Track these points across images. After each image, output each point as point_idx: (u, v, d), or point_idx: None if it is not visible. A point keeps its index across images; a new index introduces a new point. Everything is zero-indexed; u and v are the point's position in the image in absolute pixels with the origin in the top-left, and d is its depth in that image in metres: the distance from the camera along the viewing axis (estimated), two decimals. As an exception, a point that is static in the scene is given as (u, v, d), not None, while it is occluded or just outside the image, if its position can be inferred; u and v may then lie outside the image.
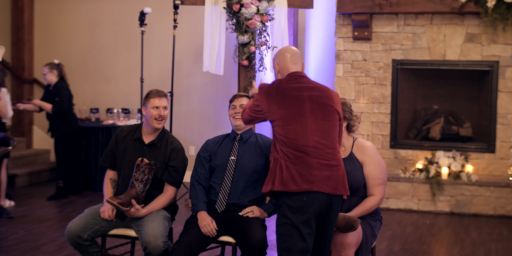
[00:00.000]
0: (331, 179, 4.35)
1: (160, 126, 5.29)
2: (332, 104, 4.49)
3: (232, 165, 5.20)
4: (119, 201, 5.01)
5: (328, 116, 4.46)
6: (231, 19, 8.58)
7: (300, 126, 4.39)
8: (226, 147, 5.30)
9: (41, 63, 11.26)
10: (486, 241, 7.47)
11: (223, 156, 5.25)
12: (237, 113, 5.24)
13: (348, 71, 9.51)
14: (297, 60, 4.65)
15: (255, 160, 5.20)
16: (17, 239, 7.15)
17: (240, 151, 5.24)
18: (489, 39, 9.03)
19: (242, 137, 5.30)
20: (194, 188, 5.24)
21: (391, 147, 9.46)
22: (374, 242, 4.98)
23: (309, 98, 4.45)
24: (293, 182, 4.31)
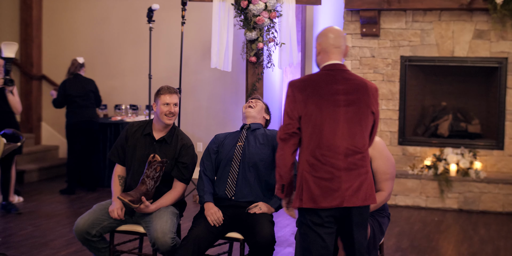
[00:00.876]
0: (361, 191, 4.13)
1: (170, 122, 5.31)
2: (369, 106, 4.20)
3: (239, 151, 5.25)
4: (130, 199, 5.02)
5: (361, 120, 4.18)
6: (239, 15, 8.58)
7: (331, 131, 4.11)
8: (234, 136, 5.40)
9: (50, 59, 11.31)
10: (494, 238, 7.45)
11: (231, 144, 5.32)
12: (251, 104, 5.46)
13: (356, 68, 9.50)
14: (341, 42, 4.27)
15: (261, 148, 5.24)
16: (26, 235, 7.18)
17: (247, 138, 5.31)
18: (497, 36, 9.01)
19: (250, 126, 5.39)
20: (201, 179, 5.30)
21: (399, 144, 9.45)
22: (382, 239, 4.97)
23: (345, 103, 4.15)
24: (322, 198, 4.07)
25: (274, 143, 5.23)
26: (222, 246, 6.25)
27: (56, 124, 11.30)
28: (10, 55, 7.88)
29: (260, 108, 5.49)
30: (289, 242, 6.98)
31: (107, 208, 5.26)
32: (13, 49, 7.90)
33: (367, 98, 4.20)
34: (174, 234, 5.05)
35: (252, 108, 5.44)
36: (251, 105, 5.46)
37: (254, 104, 5.47)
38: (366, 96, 4.20)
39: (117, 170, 5.44)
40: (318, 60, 4.35)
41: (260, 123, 5.45)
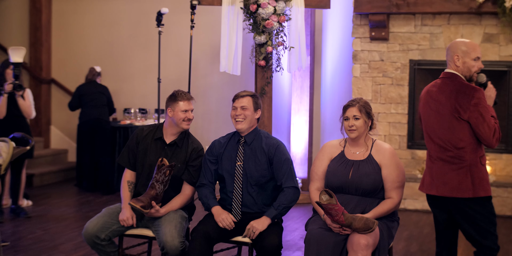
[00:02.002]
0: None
1: (188, 127, 5.36)
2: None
3: (240, 172, 5.16)
4: (141, 205, 5.03)
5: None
6: (248, 19, 8.59)
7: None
8: (231, 151, 5.23)
9: (59, 63, 11.34)
10: (503, 242, 7.43)
11: (229, 162, 5.20)
12: (238, 115, 5.16)
13: (365, 72, 9.49)
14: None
15: (260, 164, 5.15)
16: (35, 239, 7.19)
17: (245, 155, 5.18)
18: (507, 39, 8.99)
19: (246, 140, 5.22)
20: (201, 189, 5.24)
21: (408, 148, 9.43)
22: (391, 243, 4.97)
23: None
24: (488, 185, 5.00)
25: (271, 156, 5.14)
26: (231, 250, 6.25)
27: (65, 128, 11.33)
28: (18, 60, 7.88)
29: (250, 116, 5.18)
30: (298, 246, 6.98)
31: (116, 212, 5.27)
32: (21, 53, 7.90)
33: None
34: (183, 238, 5.06)
35: (241, 122, 5.16)
36: (239, 119, 5.16)
37: (242, 116, 5.16)
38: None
39: (126, 175, 5.44)
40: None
41: (254, 130, 5.26)
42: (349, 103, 5.00)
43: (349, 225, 4.59)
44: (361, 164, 4.92)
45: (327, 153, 5.08)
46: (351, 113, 4.95)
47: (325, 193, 4.65)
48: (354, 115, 4.94)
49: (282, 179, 5.13)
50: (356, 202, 4.87)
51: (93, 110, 9.80)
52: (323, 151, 5.10)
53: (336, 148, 5.08)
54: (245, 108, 5.16)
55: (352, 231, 4.63)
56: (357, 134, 4.96)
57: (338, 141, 5.13)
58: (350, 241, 4.61)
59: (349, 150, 5.03)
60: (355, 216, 4.61)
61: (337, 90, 10.02)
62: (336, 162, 4.99)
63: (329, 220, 4.72)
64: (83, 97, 9.83)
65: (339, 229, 4.67)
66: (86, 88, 9.89)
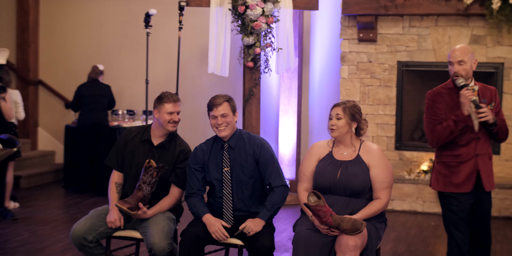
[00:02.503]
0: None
1: (174, 129, 5.33)
2: None
3: (228, 177, 5.13)
4: (128, 206, 5.02)
5: None
6: (236, 20, 8.59)
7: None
8: (216, 157, 5.16)
9: (46, 64, 11.30)
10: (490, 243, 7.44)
11: (216, 169, 5.15)
12: (220, 124, 5.07)
13: (353, 73, 9.51)
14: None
15: (246, 166, 5.13)
16: (22, 241, 7.16)
17: (231, 160, 5.14)
18: (494, 41, 9.02)
19: (229, 144, 5.17)
20: (190, 199, 5.17)
21: (396, 149, 9.45)
22: (379, 243, 4.97)
23: None
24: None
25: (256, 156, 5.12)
26: (218, 252, 6.23)
27: (52, 129, 11.30)
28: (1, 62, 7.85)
29: (231, 121, 5.11)
30: (286, 247, 6.98)
31: (104, 213, 5.25)
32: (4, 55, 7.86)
33: None
34: (171, 239, 5.05)
35: (224, 129, 5.08)
36: (221, 127, 5.06)
37: (224, 124, 5.07)
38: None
39: (114, 177, 5.42)
40: (471, 73, 5.47)
41: (235, 133, 5.19)
42: (336, 103, 5.02)
43: (337, 226, 4.59)
44: (349, 164, 4.92)
45: (315, 153, 5.08)
46: (335, 112, 4.97)
47: (313, 195, 4.65)
48: (337, 114, 4.95)
49: (270, 178, 5.12)
50: (344, 203, 4.87)
51: (91, 114, 9.69)
52: (311, 152, 5.10)
53: (324, 149, 5.08)
54: (225, 115, 5.08)
55: (340, 232, 4.63)
56: (338, 133, 4.96)
57: (326, 141, 5.13)
58: (338, 242, 4.61)
59: (337, 151, 5.03)
60: (343, 217, 4.61)
61: (325, 92, 10.03)
62: (324, 162, 4.99)
63: (317, 221, 4.71)
64: (83, 99, 9.70)
65: (327, 230, 4.67)
66: (87, 89, 9.74)
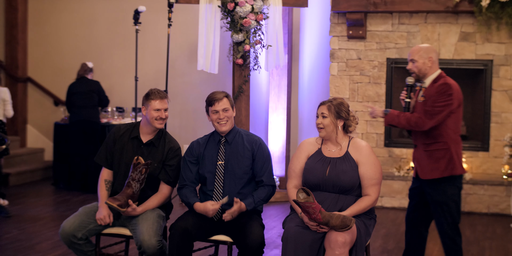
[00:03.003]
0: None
1: (161, 126, 5.31)
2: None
3: (221, 170, 5.16)
4: (118, 203, 5.02)
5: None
6: (226, 17, 8.58)
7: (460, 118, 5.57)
8: (212, 150, 5.22)
9: (35, 61, 11.27)
10: (480, 239, 7.48)
11: (211, 162, 5.19)
12: (222, 118, 5.13)
13: (342, 70, 9.52)
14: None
15: (243, 161, 5.17)
16: (11, 238, 7.14)
17: (226, 154, 5.18)
18: (483, 38, 9.05)
19: (227, 139, 5.22)
20: (181, 190, 5.21)
21: (385, 146, 9.47)
22: (368, 240, 4.98)
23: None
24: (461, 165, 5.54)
25: (254, 152, 5.18)
26: (208, 249, 6.24)
27: (41, 126, 11.27)
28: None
29: (231, 117, 5.19)
30: (276, 244, 6.98)
31: (93, 211, 5.25)
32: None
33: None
34: (160, 236, 5.04)
35: (225, 124, 5.15)
36: (223, 122, 5.14)
37: (225, 119, 5.14)
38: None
39: (103, 174, 5.42)
40: (427, 69, 5.62)
41: (234, 128, 5.26)
42: (322, 102, 5.03)
43: (326, 223, 4.60)
44: (338, 161, 4.92)
45: (304, 150, 5.08)
46: (320, 110, 4.98)
47: (302, 191, 4.65)
48: (322, 113, 4.96)
49: (263, 176, 5.17)
50: (333, 199, 4.87)
51: (82, 111, 9.64)
52: (300, 149, 5.11)
53: (313, 146, 5.08)
54: (226, 110, 5.15)
55: (330, 229, 4.63)
56: (325, 133, 4.97)
57: (315, 138, 5.14)
58: (328, 239, 4.62)
59: (326, 148, 5.04)
60: (332, 214, 4.62)
61: (314, 89, 10.04)
62: (313, 159, 4.99)
63: (306, 218, 4.72)
64: (73, 97, 9.66)
65: (316, 227, 4.68)
66: (77, 87, 9.70)
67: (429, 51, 5.64)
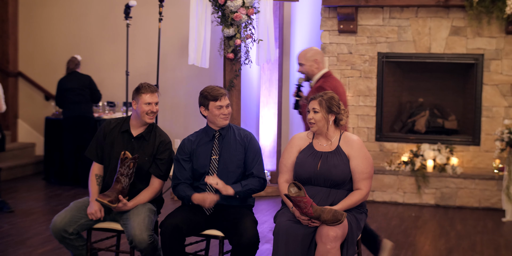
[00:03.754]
0: None
1: (151, 121, 5.31)
2: None
3: (215, 164, 5.16)
4: (109, 200, 5.01)
5: None
6: (217, 12, 8.56)
7: None
8: (205, 146, 5.22)
9: (26, 56, 11.23)
10: (471, 234, 7.50)
11: (204, 157, 5.19)
12: (226, 114, 5.15)
13: (333, 64, 9.52)
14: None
15: (235, 155, 5.18)
16: (2, 233, 7.13)
17: (220, 148, 5.20)
18: (474, 32, 9.06)
19: (221, 133, 5.23)
20: (176, 188, 5.20)
21: (377, 140, 9.48)
22: (359, 234, 4.99)
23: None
24: None
25: (245, 146, 5.20)
26: (199, 244, 6.24)
27: (32, 121, 11.24)
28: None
29: (231, 112, 5.25)
30: (267, 238, 6.99)
31: (85, 205, 5.24)
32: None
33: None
34: (151, 231, 5.04)
35: (227, 118, 5.18)
36: (226, 118, 5.17)
37: (228, 115, 5.18)
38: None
39: (94, 169, 5.41)
40: (315, 70, 6.45)
41: (227, 124, 5.27)
42: (313, 96, 5.01)
43: (318, 217, 4.60)
44: (330, 155, 4.93)
45: (295, 145, 5.08)
46: (311, 106, 4.97)
47: (293, 186, 4.65)
48: (314, 108, 4.95)
49: (253, 168, 5.19)
50: (324, 194, 4.88)
51: (76, 107, 9.59)
52: (291, 143, 5.11)
53: (305, 140, 5.09)
54: (229, 106, 5.20)
55: (321, 223, 4.64)
56: (317, 128, 4.96)
57: (306, 133, 5.14)
58: (319, 233, 4.63)
59: (318, 142, 5.04)
60: (324, 208, 4.62)
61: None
62: (305, 154, 4.99)
63: (297, 212, 4.72)
64: (65, 92, 9.56)
65: (307, 221, 4.68)
66: (69, 82, 9.60)
67: (314, 54, 6.48)
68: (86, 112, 9.62)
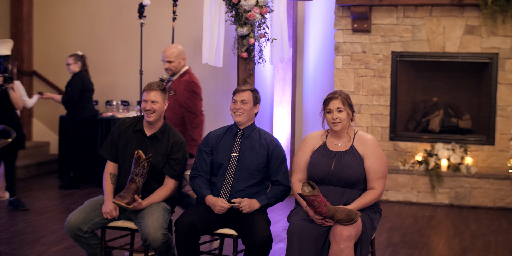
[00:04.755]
0: None
1: (149, 119, 5.28)
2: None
3: (234, 162, 5.18)
4: (126, 201, 5.04)
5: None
6: (230, 11, 8.56)
7: None
8: (227, 142, 5.26)
9: (40, 55, 11.27)
10: (485, 233, 7.48)
11: (225, 153, 5.22)
12: (238, 109, 5.21)
13: (347, 63, 9.50)
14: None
15: (257, 158, 5.18)
16: (17, 231, 7.16)
17: (242, 147, 5.22)
18: (488, 31, 9.03)
19: (244, 132, 5.26)
20: (194, 180, 5.24)
21: (391, 139, 9.46)
22: (373, 234, 4.99)
23: None
24: None
25: (269, 152, 5.19)
26: (213, 242, 6.24)
27: (47, 120, 11.28)
28: (6, 53, 7.92)
29: (249, 110, 5.24)
30: (281, 237, 6.99)
31: (99, 204, 5.26)
32: (8, 46, 7.94)
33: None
34: (165, 230, 5.05)
35: (240, 115, 5.22)
36: (238, 112, 5.21)
37: (241, 110, 5.22)
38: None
39: (108, 167, 5.43)
40: (181, 67, 7.08)
41: (252, 124, 5.31)
42: (331, 96, 4.99)
43: (332, 216, 4.60)
44: (344, 155, 4.92)
45: (309, 144, 5.08)
46: (334, 105, 4.94)
47: (307, 185, 4.65)
48: (338, 108, 4.93)
49: (278, 176, 5.22)
50: (338, 193, 4.87)
51: (92, 106, 9.83)
52: (305, 143, 5.10)
53: (318, 140, 5.08)
54: (245, 102, 5.22)
55: (335, 222, 4.64)
56: (341, 126, 4.95)
57: (320, 132, 5.13)
58: (333, 233, 4.62)
59: (331, 142, 5.03)
60: (338, 208, 4.62)
61: (319, 82, 10.03)
62: (318, 153, 4.99)
63: (311, 211, 4.72)
64: (87, 91, 9.62)
65: (321, 220, 4.68)
66: (89, 82, 9.68)
67: (182, 52, 7.09)
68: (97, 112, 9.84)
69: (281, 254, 6.43)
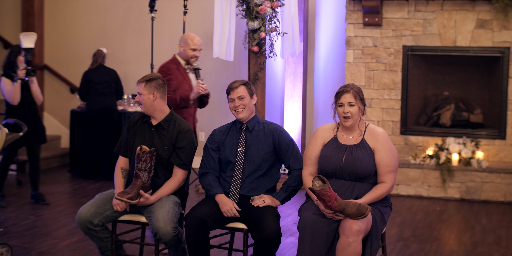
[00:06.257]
0: None
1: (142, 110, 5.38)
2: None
3: (241, 157, 5.19)
4: (128, 197, 5.04)
5: None
6: (241, 5, 8.56)
7: None
8: (233, 137, 5.29)
9: (52, 49, 11.30)
10: (496, 228, 7.46)
11: (231, 148, 5.24)
12: (237, 106, 5.22)
13: (358, 57, 9.49)
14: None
15: (263, 149, 5.20)
16: (28, 225, 7.20)
17: (247, 141, 5.24)
18: (500, 25, 8.99)
19: (248, 126, 5.28)
20: (205, 177, 5.25)
21: (401, 134, 9.45)
22: (384, 228, 4.98)
23: None
24: None
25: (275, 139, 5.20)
26: (224, 236, 6.26)
27: (58, 114, 11.31)
28: (29, 46, 7.94)
29: (248, 104, 5.25)
30: (291, 231, 7.00)
31: (110, 197, 5.27)
32: (32, 39, 7.96)
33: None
34: (176, 223, 5.06)
35: (242, 111, 5.23)
36: (239, 109, 5.23)
37: (241, 106, 5.23)
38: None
39: (119, 162, 5.45)
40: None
41: (254, 117, 5.33)
42: (343, 89, 4.96)
43: (342, 210, 4.60)
44: (354, 148, 4.91)
45: (320, 138, 5.07)
46: (346, 99, 4.92)
47: (318, 179, 4.65)
48: (349, 102, 4.91)
49: (289, 161, 5.21)
50: (349, 187, 4.87)
51: (102, 99, 9.64)
52: (316, 136, 5.09)
53: (329, 133, 5.07)
54: (242, 98, 5.22)
55: (345, 216, 4.63)
56: (352, 122, 4.93)
57: (332, 125, 5.12)
58: (342, 226, 4.62)
59: (342, 135, 5.02)
60: (348, 202, 4.61)
61: (330, 76, 10.02)
62: (329, 147, 4.98)
63: (322, 205, 4.72)
64: (91, 84, 9.59)
65: (332, 214, 4.68)
66: (95, 75, 9.63)
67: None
68: (111, 105, 9.66)
69: (292, 248, 6.43)
